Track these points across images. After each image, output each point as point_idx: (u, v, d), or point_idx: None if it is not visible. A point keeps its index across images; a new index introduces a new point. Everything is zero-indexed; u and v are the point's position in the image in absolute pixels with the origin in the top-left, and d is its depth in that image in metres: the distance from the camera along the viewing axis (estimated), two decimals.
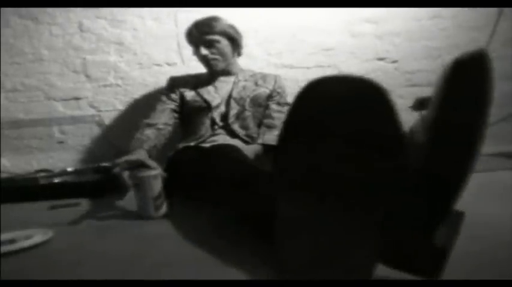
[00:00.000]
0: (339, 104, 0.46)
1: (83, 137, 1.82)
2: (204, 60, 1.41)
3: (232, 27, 1.42)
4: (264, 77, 1.50)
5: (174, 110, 1.43)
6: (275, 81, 1.49)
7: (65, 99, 1.81)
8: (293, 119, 0.50)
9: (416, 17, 1.82)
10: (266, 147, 1.33)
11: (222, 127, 1.38)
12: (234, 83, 1.45)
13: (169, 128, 1.39)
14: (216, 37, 1.37)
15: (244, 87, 1.44)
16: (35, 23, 1.77)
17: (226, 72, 1.47)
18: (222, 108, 1.41)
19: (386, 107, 0.44)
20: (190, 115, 1.42)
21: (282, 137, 0.51)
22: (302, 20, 1.82)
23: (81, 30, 1.79)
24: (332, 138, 0.46)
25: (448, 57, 1.92)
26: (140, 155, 1.14)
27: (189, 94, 1.44)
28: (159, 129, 1.33)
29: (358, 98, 0.45)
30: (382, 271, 0.55)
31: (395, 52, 1.85)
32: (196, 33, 1.38)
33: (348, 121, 0.45)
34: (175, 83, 1.49)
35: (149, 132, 1.30)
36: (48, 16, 1.77)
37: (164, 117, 1.39)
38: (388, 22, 1.83)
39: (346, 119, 0.45)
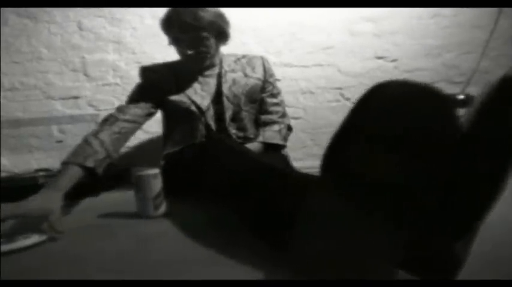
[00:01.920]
0: (402, 109, 0.46)
1: (82, 136, 1.81)
2: (189, 59, 1.23)
3: (220, 15, 1.22)
4: (250, 62, 1.35)
5: (151, 106, 1.24)
6: (264, 70, 1.35)
7: (63, 98, 1.81)
8: (354, 120, 0.50)
9: (416, 15, 1.82)
10: (266, 145, 1.28)
11: (217, 131, 1.26)
12: (221, 75, 1.30)
13: (136, 126, 1.20)
14: (204, 34, 1.18)
15: (234, 81, 1.29)
16: (34, 22, 1.76)
17: (211, 64, 1.29)
18: (214, 109, 1.27)
19: (448, 115, 0.45)
20: (179, 119, 1.28)
21: (340, 136, 0.51)
22: (301, 19, 1.81)
23: (80, 29, 1.78)
24: (391, 142, 0.47)
25: (448, 56, 1.92)
26: (51, 200, 0.89)
27: (172, 91, 1.26)
28: (121, 128, 1.13)
29: (423, 103, 0.46)
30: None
31: (394, 51, 1.84)
32: (179, 31, 1.18)
33: (409, 126, 0.46)
34: (150, 75, 1.31)
35: (105, 135, 1.09)
36: (47, 15, 1.76)
37: (135, 111, 1.19)
38: (388, 21, 1.82)
39: (408, 123, 0.46)
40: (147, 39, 1.79)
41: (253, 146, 1.25)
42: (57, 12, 1.76)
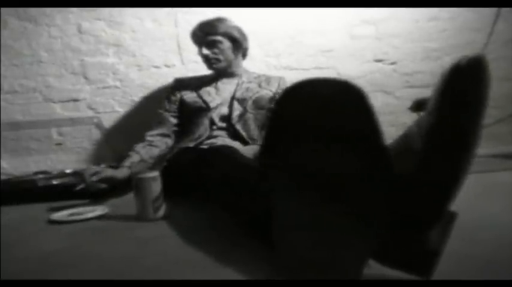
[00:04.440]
0: (319, 105, 0.50)
1: (82, 138, 1.81)
2: (206, 59, 1.44)
3: (236, 28, 1.45)
4: (268, 79, 1.53)
5: (174, 115, 1.47)
6: (279, 84, 1.51)
7: (63, 101, 1.81)
8: (276, 120, 0.53)
9: (414, 18, 1.83)
10: None
11: (223, 129, 1.38)
12: (238, 84, 1.46)
13: (166, 139, 1.44)
14: (219, 38, 1.40)
15: (247, 89, 1.45)
16: (34, 25, 1.77)
17: (230, 74, 1.49)
18: (223, 110, 1.41)
19: (363, 107, 0.48)
20: (189, 116, 1.43)
21: (267, 138, 0.54)
22: (301, 22, 1.82)
23: (80, 32, 1.79)
24: (313, 137, 0.50)
25: (447, 59, 1.93)
26: (121, 172, 1.27)
27: (190, 96, 1.46)
28: (151, 142, 1.40)
29: (338, 99, 0.49)
30: (379, 270, 0.55)
31: (394, 54, 1.85)
32: (199, 33, 1.43)
33: (328, 120, 0.49)
34: (177, 85, 1.53)
35: (139, 147, 1.37)
36: (46, 18, 1.77)
37: (161, 127, 1.44)
38: (387, 24, 1.83)
39: (327, 118, 0.49)
40: (146, 42, 1.80)
41: (254, 147, 1.31)
42: (57, 15, 1.77)
